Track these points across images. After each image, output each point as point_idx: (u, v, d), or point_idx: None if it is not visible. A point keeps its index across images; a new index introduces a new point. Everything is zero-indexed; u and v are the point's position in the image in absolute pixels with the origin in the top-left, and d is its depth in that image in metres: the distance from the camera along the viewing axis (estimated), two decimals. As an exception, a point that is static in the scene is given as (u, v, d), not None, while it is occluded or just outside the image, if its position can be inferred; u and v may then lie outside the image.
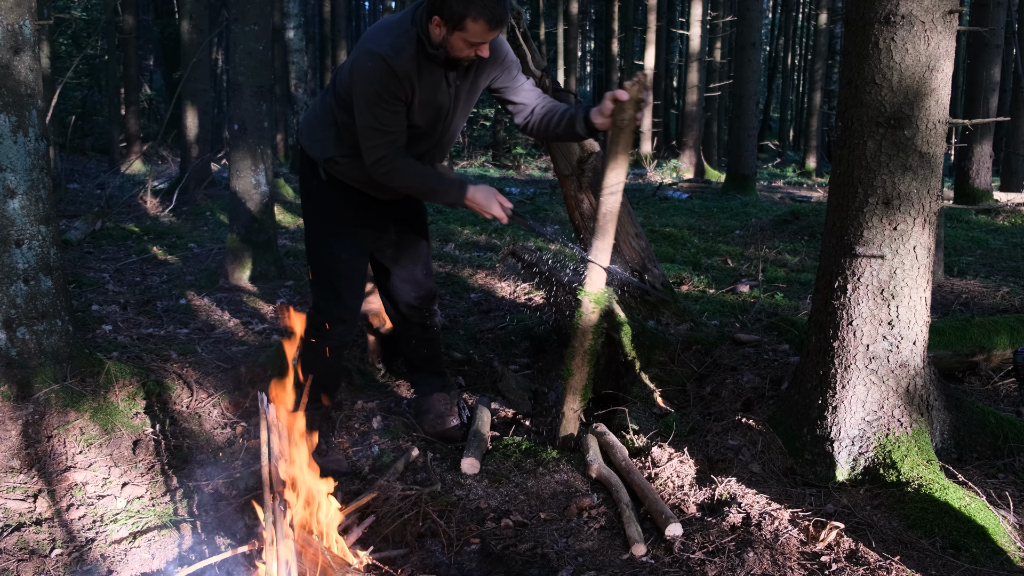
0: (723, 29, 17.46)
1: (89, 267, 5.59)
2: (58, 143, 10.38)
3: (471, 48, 2.53)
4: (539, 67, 3.50)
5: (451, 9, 2.43)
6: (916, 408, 2.68)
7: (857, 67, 2.55)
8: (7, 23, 2.90)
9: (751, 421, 2.86)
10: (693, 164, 15.29)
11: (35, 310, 3.05)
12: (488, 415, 3.27)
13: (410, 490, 2.68)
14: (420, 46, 2.56)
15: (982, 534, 2.31)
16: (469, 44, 2.51)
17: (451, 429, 3.23)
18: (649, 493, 2.61)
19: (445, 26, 2.48)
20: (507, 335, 4.41)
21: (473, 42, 2.50)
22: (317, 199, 2.91)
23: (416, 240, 3.14)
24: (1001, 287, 5.10)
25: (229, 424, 3.29)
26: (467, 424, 3.25)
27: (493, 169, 16.46)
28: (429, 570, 2.38)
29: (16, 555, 2.46)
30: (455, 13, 2.43)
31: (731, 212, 9.17)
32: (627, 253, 3.70)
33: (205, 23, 10.14)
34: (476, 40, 2.49)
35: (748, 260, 6.28)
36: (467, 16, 2.43)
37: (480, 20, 2.43)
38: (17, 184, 2.97)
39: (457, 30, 2.47)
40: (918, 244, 2.58)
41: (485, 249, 6.90)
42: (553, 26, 19.87)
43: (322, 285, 2.96)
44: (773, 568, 2.26)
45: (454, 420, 3.25)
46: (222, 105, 16.14)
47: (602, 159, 2.91)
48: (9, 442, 2.85)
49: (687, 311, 3.82)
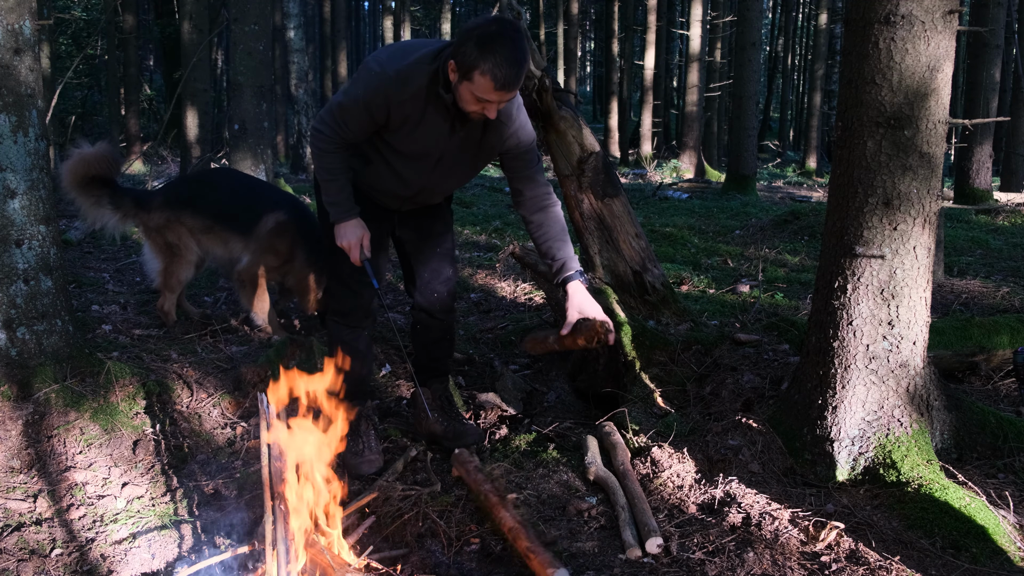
0: (723, 29, 17.46)
1: (89, 267, 5.59)
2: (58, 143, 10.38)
3: (478, 104, 2.47)
4: (539, 67, 3.50)
5: (464, 56, 2.39)
6: (916, 408, 2.68)
7: (857, 67, 2.55)
8: (7, 23, 2.90)
9: (751, 421, 2.86)
10: (693, 164, 15.30)
11: (35, 310, 3.05)
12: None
13: (410, 490, 2.68)
14: (433, 83, 2.54)
15: (982, 534, 2.31)
16: (476, 99, 2.45)
17: (434, 427, 3.21)
18: (637, 502, 2.58)
19: (457, 72, 2.45)
20: (507, 335, 4.41)
21: (479, 97, 2.44)
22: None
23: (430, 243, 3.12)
24: (1001, 287, 5.10)
25: (229, 424, 3.29)
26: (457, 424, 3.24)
27: (493, 169, 16.45)
28: (429, 570, 2.37)
29: (16, 555, 2.46)
30: (466, 62, 2.39)
31: (731, 212, 9.17)
32: (627, 253, 3.70)
33: (205, 23, 10.14)
34: (482, 96, 2.43)
35: (748, 260, 6.28)
36: (476, 68, 2.38)
37: (487, 76, 2.37)
38: (17, 184, 2.97)
39: (465, 80, 2.43)
40: (918, 244, 2.58)
41: (485, 249, 6.90)
42: (553, 26, 19.88)
43: (335, 277, 3.06)
44: (773, 568, 2.26)
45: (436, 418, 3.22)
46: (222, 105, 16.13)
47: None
48: (9, 442, 2.85)
49: (687, 311, 3.82)
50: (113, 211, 3.99)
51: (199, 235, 4.03)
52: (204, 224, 4.00)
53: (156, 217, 4.01)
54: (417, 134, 2.66)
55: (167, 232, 4.01)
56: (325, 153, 2.72)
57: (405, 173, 2.80)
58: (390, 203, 2.94)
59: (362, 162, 2.83)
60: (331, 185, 2.78)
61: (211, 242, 4.04)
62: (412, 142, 2.69)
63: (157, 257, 4.06)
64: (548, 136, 3.71)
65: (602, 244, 3.71)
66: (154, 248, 4.06)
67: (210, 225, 4.01)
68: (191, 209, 4.00)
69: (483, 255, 6.60)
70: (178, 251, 4.02)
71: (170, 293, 4.08)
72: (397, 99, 2.55)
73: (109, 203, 3.98)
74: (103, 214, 3.99)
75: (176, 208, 4.01)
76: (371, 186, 2.88)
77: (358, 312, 3.03)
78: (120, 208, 4.00)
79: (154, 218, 4.01)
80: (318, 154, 2.74)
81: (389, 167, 2.80)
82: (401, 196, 2.90)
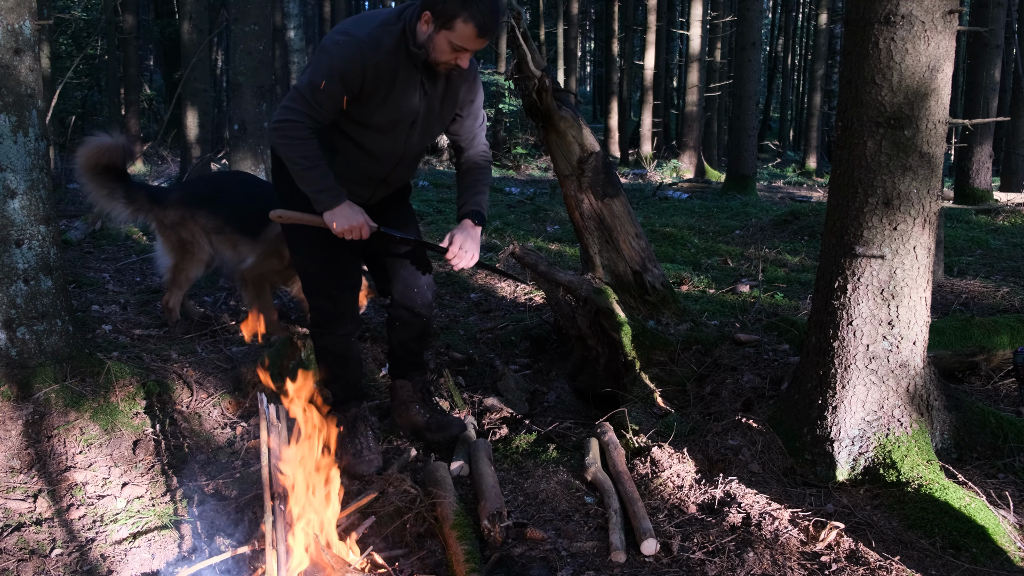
0: (723, 29, 17.46)
1: (89, 267, 5.59)
2: (58, 143, 10.39)
3: (453, 53, 2.50)
4: (539, 67, 3.50)
5: (443, 6, 2.41)
6: (916, 408, 2.68)
7: (857, 67, 2.55)
8: (7, 23, 2.90)
9: (751, 421, 2.86)
10: (693, 164, 15.29)
11: (35, 310, 3.05)
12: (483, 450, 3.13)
13: (410, 490, 2.68)
14: (401, 43, 2.53)
15: (982, 534, 2.31)
16: (453, 48, 2.48)
17: (415, 419, 3.19)
18: (630, 505, 2.57)
19: (434, 23, 2.45)
20: (507, 335, 4.41)
21: (457, 46, 2.47)
22: (297, 200, 2.79)
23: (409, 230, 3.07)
24: (1001, 287, 5.10)
25: (229, 424, 3.29)
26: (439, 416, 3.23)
27: (493, 169, 16.43)
28: (429, 570, 2.38)
29: (16, 555, 2.46)
30: (447, 11, 2.41)
31: (731, 212, 9.17)
32: (627, 253, 3.70)
33: (205, 23, 10.14)
34: (460, 44, 2.46)
35: (748, 260, 6.28)
36: (458, 16, 2.41)
37: (470, 23, 2.41)
38: (17, 184, 2.97)
39: (445, 29, 2.44)
40: (918, 244, 2.58)
41: (485, 249, 6.90)
42: (553, 26, 19.88)
43: (311, 286, 2.95)
44: (773, 568, 2.26)
45: (418, 410, 3.20)
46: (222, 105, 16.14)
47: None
48: (9, 442, 2.85)
49: (687, 311, 3.82)
50: (126, 204, 4.01)
51: (211, 235, 4.05)
52: (217, 225, 4.02)
53: (172, 214, 4.02)
54: (390, 100, 2.61)
55: (182, 229, 4.02)
56: (300, 141, 2.59)
57: (379, 148, 2.73)
58: (362, 193, 2.83)
59: (328, 155, 2.71)
60: (314, 172, 2.63)
61: (222, 243, 4.06)
62: (386, 110, 2.63)
63: (169, 254, 4.08)
64: (548, 136, 3.71)
65: (602, 244, 3.71)
66: (167, 244, 4.07)
67: (222, 226, 4.02)
68: (207, 209, 4.02)
69: (483, 255, 6.59)
70: (191, 249, 4.04)
71: (177, 290, 4.09)
72: (372, 61, 2.50)
73: (123, 196, 4.00)
74: (115, 207, 4.02)
75: (192, 206, 4.02)
76: (343, 178, 2.73)
77: (341, 318, 2.95)
78: (134, 202, 4.02)
79: (169, 215, 4.02)
80: (291, 144, 2.59)
81: (360, 148, 2.72)
82: (376, 179, 2.82)
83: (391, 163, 2.80)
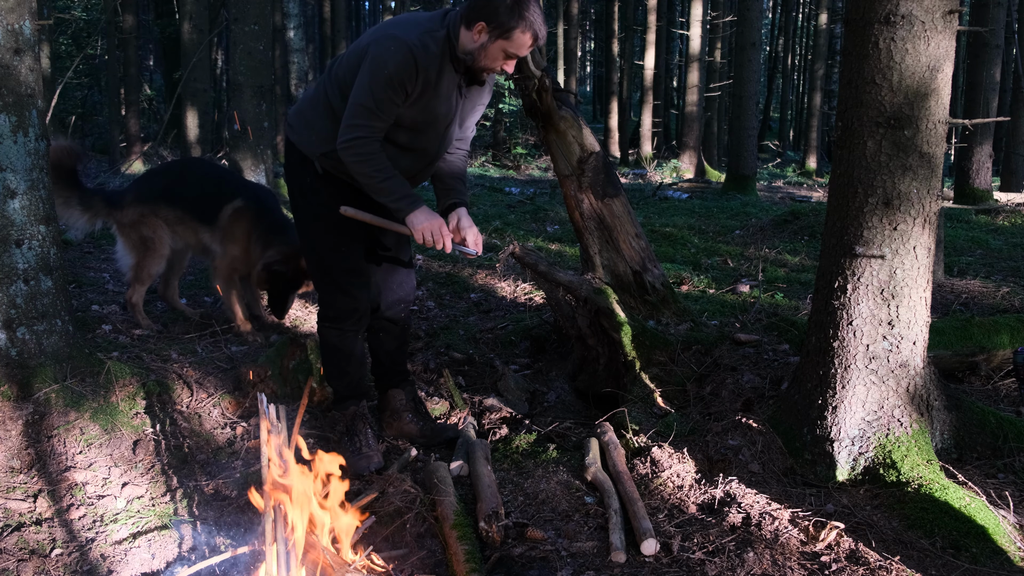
0: (723, 29, 17.46)
1: (89, 267, 5.59)
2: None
3: (504, 60, 2.63)
4: (539, 67, 3.50)
5: (500, 18, 2.52)
6: (916, 408, 2.68)
7: (857, 67, 2.55)
8: (7, 23, 2.90)
9: (751, 421, 2.86)
10: (693, 164, 15.30)
11: (35, 310, 3.05)
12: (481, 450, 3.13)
13: (410, 490, 2.68)
14: (445, 49, 2.63)
15: (982, 534, 2.31)
16: (506, 55, 2.61)
17: (409, 428, 3.23)
18: (630, 505, 2.58)
19: (490, 33, 2.56)
20: (507, 335, 4.41)
21: (511, 53, 2.60)
22: (312, 196, 2.90)
23: (403, 250, 3.15)
24: (1001, 287, 5.10)
25: (229, 424, 3.29)
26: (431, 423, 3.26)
27: (493, 169, 16.44)
28: (429, 570, 2.38)
29: (16, 555, 2.46)
30: (506, 23, 2.53)
31: (731, 212, 9.17)
32: (627, 253, 3.70)
33: (205, 23, 10.14)
34: (515, 52, 2.59)
35: (748, 260, 6.28)
36: (516, 27, 2.53)
37: (528, 32, 2.55)
38: (17, 184, 2.97)
39: (502, 39, 2.56)
40: (918, 244, 2.58)
41: (485, 249, 6.90)
42: (553, 26, 19.86)
43: (327, 282, 2.99)
44: (773, 568, 2.26)
45: (411, 419, 3.24)
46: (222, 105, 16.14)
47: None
48: (9, 442, 2.85)
49: (687, 311, 3.82)
50: (82, 211, 4.00)
51: (174, 226, 4.07)
52: (177, 215, 4.03)
53: (130, 213, 4.03)
54: (433, 101, 2.71)
55: (141, 227, 4.03)
56: (372, 155, 2.68)
57: (416, 147, 2.82)
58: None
59: None
60: (391, 183, 2.72)
61: (185, 233, 4.09)
62: (426, 111, 2.72)
63: (131, 253, 4.08)
64: (548, 136, 3.71)
65: (602, 244, 3.71)
66: (127, 244, 4.08)
67: (181, 216, 4.04)
68: (165, 201, 4.03)
69: (484, 255, 6.59)
70: (151, 245, 4.05)
71: (140, 286, 4.11)
72: (424, 64, 2.60)
73: (78, 203, 3.98)
74: (72, 215, 3.99)
75: (149, 202, 4.03)
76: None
77: (354, 316, 2.99)
78: (90, 208, 4.01)
79: (127, 215, 4.03)
80: (366, 160, 2.67)
81: (397, 147, 2.79)
82: (408, 176, 2.87)
83: (424, 161, 2.89)
